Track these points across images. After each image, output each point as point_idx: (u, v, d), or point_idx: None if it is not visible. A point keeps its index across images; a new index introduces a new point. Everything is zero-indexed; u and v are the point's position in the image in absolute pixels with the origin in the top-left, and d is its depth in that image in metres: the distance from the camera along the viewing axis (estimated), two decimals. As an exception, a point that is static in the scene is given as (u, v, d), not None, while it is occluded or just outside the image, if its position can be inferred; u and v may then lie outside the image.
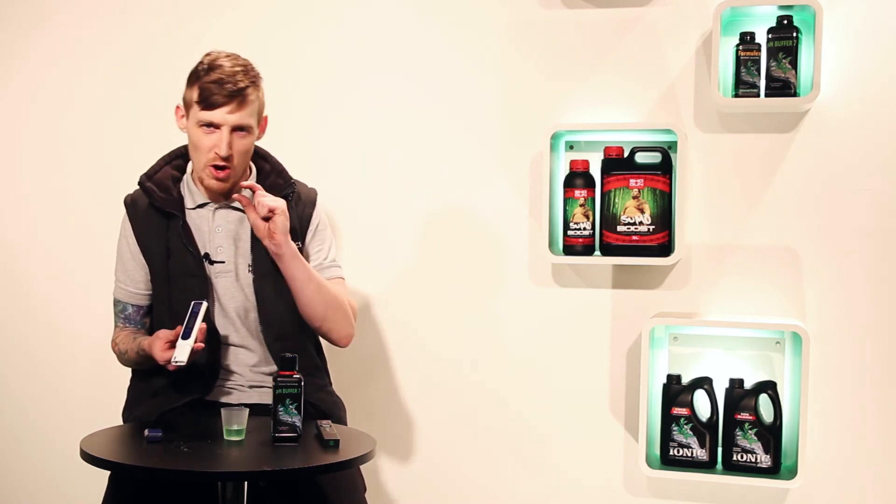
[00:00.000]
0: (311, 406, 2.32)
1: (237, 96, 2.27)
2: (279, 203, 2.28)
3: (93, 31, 3.08)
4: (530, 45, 2.76)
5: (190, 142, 2.35)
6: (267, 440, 2.07)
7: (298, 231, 2.41)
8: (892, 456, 2.55)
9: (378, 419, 2.88)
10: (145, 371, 2.37)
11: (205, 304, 2.21)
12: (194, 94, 2.30)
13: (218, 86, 2.27)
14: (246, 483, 2.05)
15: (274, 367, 2.34)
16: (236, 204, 2.36)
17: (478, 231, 2.81)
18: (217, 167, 2.30)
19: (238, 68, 2.30)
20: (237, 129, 2.29)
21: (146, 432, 2.05)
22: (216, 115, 2.27)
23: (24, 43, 3.14)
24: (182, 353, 2.13)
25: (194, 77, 2.32)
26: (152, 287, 2.38)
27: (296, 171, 2.46)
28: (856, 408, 2.56)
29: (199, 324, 2.17)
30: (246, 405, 2.19)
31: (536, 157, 2.74)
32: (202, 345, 2.18)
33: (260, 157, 2.46)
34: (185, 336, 2.16)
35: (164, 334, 2.22)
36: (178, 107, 2.37)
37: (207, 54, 2.35)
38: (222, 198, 2.38)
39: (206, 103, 2.28)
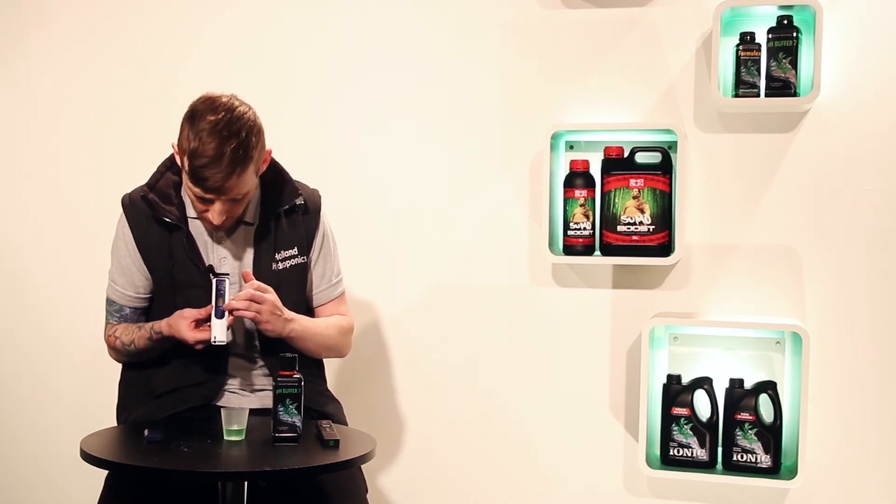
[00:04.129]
0: (312, 410, 2.31)
1: (230, 179, 2.12)
2: (251, 297, 2.18)
3: (92, 32, 3.08)
4: (530, 45, 2.76)
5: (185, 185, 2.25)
6: (267, 440, 2.07)
7: (305, 244, 2.39)
8: (892, 456, 2.55)
9: (377, 420, 2.88)
10: (141, 366, 2.34)
11: (228, 280, 2.20)
12: (185, 161, 2.13)
13: (208, 170, 2.09)
14: (246, 483, 2.05)
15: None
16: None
17: (478, 231, 2.81)
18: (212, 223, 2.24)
19: (232, 143, 2.09)
20: (232, 199, 2.18)
21: (146, 433, 2.05)
22: (208, 195, 2.15)
23: (24, 43, 3.13)
24: (221, 333, 2.16)
25: (186, 134, 2.12)
26: (155, 295, 2.34)
27: (294, 172, 2.46)
28: (856, 408, 2.56)
29: (227, 300, 2.17)
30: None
31: (536, 157, 2.74)
32: (233, 317, 2.18)
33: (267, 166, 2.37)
34: (219, 315, 2.16)
35: (189, 314, 2.19)
36: (173, 144, 2.22)
37: (201, 113, 2.12)
38: None
39: (197, 184, 2.13)
